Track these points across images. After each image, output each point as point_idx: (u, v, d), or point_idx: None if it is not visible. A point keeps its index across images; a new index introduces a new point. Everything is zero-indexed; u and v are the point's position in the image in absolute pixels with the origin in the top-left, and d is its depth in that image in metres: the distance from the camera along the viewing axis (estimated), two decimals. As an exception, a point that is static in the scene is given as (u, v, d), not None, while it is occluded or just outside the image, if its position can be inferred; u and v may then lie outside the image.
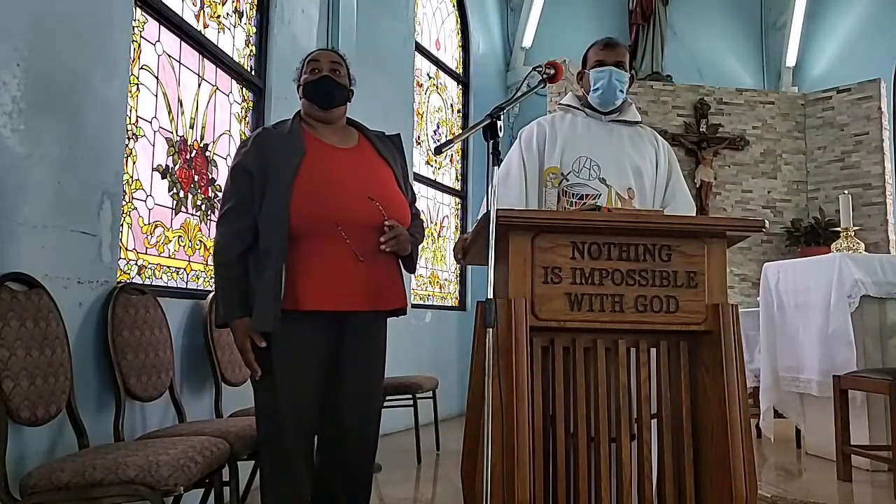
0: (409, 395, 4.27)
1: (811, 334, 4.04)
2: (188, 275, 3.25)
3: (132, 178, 2.82)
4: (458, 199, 7.00)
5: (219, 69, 3.58)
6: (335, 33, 4.68)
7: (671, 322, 1.90)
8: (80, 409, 2.20)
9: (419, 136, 6.28)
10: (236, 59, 3.75)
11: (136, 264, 2.85)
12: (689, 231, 1.93)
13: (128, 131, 2.74)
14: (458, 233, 6.86)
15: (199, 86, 3.41)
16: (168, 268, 3.09)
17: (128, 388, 2.42)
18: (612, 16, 8.35)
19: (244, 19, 3.90)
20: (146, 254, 2.92)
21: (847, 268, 3.88)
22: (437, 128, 6.73)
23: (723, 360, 1.87)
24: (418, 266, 2.50)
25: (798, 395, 4.28)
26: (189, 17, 3.34)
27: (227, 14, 3.73)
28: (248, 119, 3.86)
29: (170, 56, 3.16)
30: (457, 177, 7.03)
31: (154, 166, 3.00)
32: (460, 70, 7.29)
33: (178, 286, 3.15)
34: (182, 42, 3.27)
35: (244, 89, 3.84)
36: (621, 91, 2.41)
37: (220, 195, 2.77)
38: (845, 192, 4.80)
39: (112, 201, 2.53)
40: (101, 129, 2.49)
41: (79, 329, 2.32)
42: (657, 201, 2.43)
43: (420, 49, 6.33)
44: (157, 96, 3.04)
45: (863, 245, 4.41)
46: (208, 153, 3.46)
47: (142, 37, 2.93)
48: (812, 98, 7.79)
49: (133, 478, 1.80)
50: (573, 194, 2.33)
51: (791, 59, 8.61)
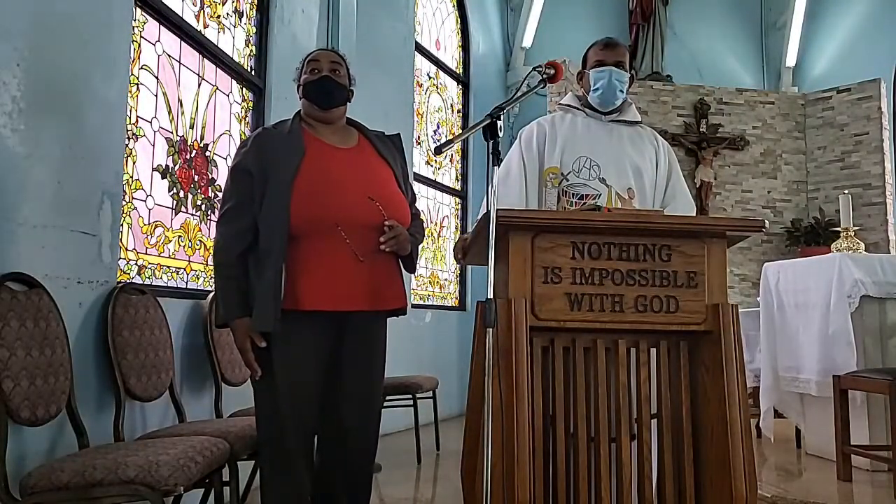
0: (409, 395, 4.27)
1: (811, 334, 4.04)
2: (188, 275, 3.25)
3: (132, 178, 2.82)
4: (458, 199, 6.99)
5: (219, 69, 3.58)
6: (335, 33, 4.68)
7: (671, 322, 1.91)
8: (80, 409, 2.20)
9: (419, 136, 6.28)
10: (236, 59, 3.75)
11: (136, 264, 2.85)
12: (689, 231, 1.93)
13: (128, 131, 2.74)
14: (458, 233, 6.86)
15: (199, 86, 3.41)
16: (168, 268, 3.09)
17: (128, 388, 2.42)
18: (612, 16, 8.35)
19: (244, 19, 3.89)
20: (146, 254, 2.92)
21: (847, 268, 3.88)
22: (437, 128, 6.73)
23: (723, 360, 1.87)
24: (418, 266, 2.50)
25: (798, 395, 4.28)
26: (189, 17, 3.34)
27: (227, 14, 3.73)
28: (248, 119, 3.86)
29: (170, 56, 3.16)
30: (457, 177, 7.03)
31: (154, 166, 3.00)
32: (460, 70, 7.29)
33: (178, 286, 3.15)
34: (182, 42, 3.27)
35: (244, 89, 3.84)
36: (621, 91, 2.41)
37: (220, 195, 2.77)
38: (845, 192, 4.80)
39: (112, 201, 2.53)
40: (101, 129, 2.49)
41: (79, 329, 2.32)
42: (657, 201, 2.43)
43: (420, 49, 6.33)
44: (157, 96, 3.04)
45: (863, 245, 4.41)
46: (208, 153, 3.46)
47: (142, 37, 2.93)
48: (812, 98, 7.79)
49: (133, 478, 1.80)
50: (573, 194, 2.33)
51: (791, 59, 8.61)
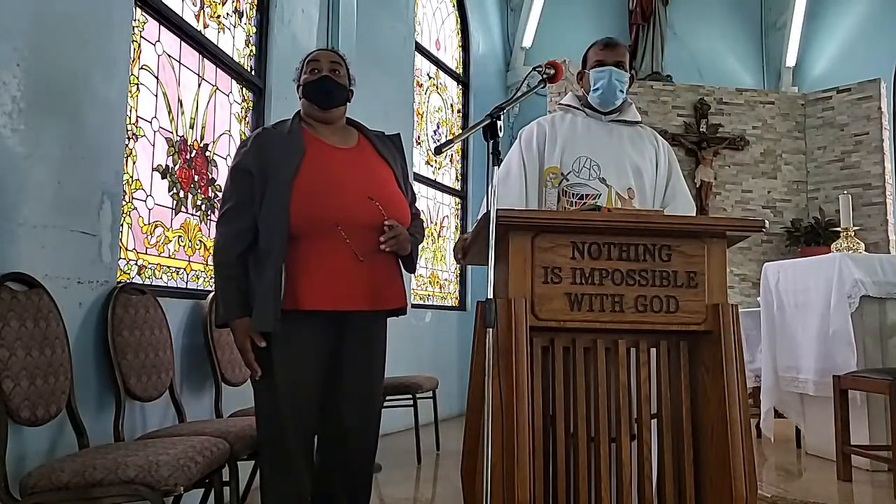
0: (409, 395, 4.27)
1: (811, 334, 4.04)
2: (188, 275, 3.25)
3: (132, 178, 2.82)
4: (458, 199, 6.99)
5: (219, 69, 3.58)
6: (335, 33, 4.68)
7: (671, 322, 1.91)
8: (80, 409, 2.20)
9: (419, 136, 6.28)
10: (236, 59, 3.75)
11: (136, 264, 2.85)
12: (689, 231, 1.93)
13: (128, 131, 2.74)
14: (458, 233, 6.86)
15: (199, 86, 3.41)
16: (168, 268, 3.09)
17: (128, 388, 2.42)
18: (612, 16, 8.35)
19: (244, 19, 3.89)
20: (146, 254, 2.92)
21: (847, 268, 3.88)
22: (437, 128, 6.73)
23: (723, 360, 1.87)
24: (418, 266, 2.50)
25: (798, 396, 4.28)
26: (189, 17, 3.34)
27: (227, 14, 3.73)
28: (248, 119, 3.86)
29: (170, 56, 3.16)
30: (457, 177, 7.03)
31: (154, 166, 3.00)
32: (460, 70, 7.29)
33: (178, 286, 3.15)
34: (182, 42, 3.27)
35: (244, 89, 3.84)
36: (621, 91, 2.41)
37: (220, 195, 2.77)
38: (845, 192, 4.80)
39: (112, 201, 2.53)
40: (101, 129, 2.49)
41: (79, 329, 2.32)
42: (657, 201, 2.43)
43: (420, 49, 6.33)
44: (157, 96, 3.04)
45: (863, 245, 4.41)
46: (208, 153, 3.46)
47: (142, 37, 2.93)
48: (812, 98, 7.79)
49: (133, 478, 1.80)
50: (573, 194, 2.33)
51: (791, 59, 8.60)
